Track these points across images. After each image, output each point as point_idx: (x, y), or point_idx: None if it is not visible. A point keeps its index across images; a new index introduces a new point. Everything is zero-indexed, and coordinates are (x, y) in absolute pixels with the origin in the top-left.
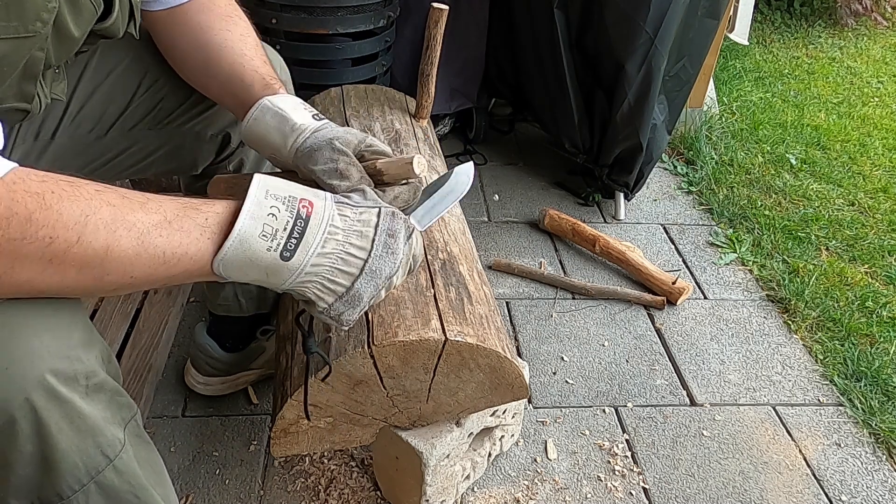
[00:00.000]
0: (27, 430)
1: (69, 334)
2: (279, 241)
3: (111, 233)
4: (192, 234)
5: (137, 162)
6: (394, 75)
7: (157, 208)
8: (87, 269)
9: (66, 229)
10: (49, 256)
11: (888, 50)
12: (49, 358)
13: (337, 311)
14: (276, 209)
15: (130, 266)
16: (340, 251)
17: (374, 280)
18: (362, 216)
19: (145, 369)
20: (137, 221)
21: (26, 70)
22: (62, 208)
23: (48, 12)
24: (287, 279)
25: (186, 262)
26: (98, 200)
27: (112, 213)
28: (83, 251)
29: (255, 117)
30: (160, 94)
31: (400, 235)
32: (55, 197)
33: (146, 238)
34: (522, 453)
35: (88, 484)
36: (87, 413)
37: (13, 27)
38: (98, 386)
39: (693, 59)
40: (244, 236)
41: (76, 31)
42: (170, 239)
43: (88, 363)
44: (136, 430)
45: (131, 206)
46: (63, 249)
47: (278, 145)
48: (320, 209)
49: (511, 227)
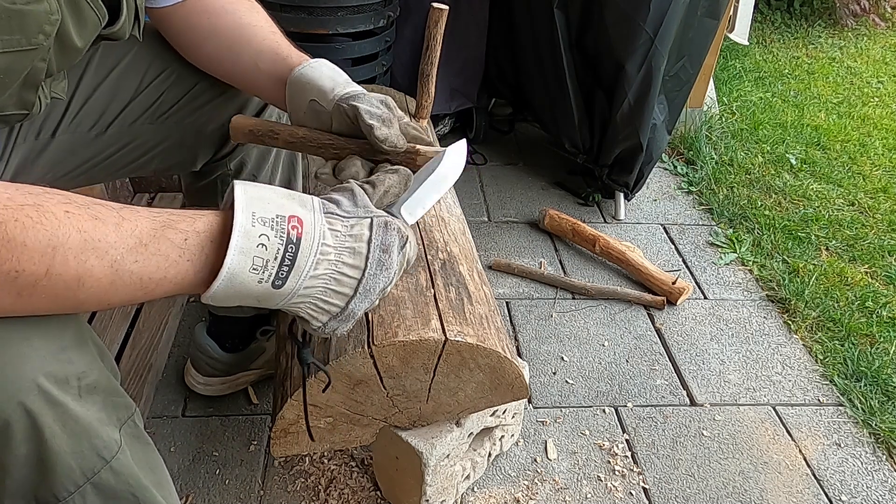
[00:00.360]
0: (21, 434)
1: (60, 335)
2: (270, 272)
3: (81, 263)
4: (170, 258)
5: (138, 158)
6: (394, 75)
7: (131, 230)
8: (61, 300)
9: (31, 262)
10: (17, 290)
11: (888, 50)
12: (40, 360)
13: (331, 328)
14: (265, 237)
15: (105, 294)
16: (333, 271)
17: (368, 297)
18: (354, 230)
19: (145, 369)
20: (110, 248)
21: (27, 80)
22: (27, 239)
23: (51, 25)
24: (279, 303)
25: (166, 285)
26: (67, 227)
27: (82, 241)
28: (53, 283)
29: (311, 65)
30: (161, 89)
31: (393, 249)
32: (18, 226)
33: (120, 265)
34: (522, 453)
35: (84, 485)
36: (80, 415)
37: (15, 40)
38: (91, 387)
39: (693, 59)
40: (233, 273)
41: (79, 41)
42: (146, 264)
43: (80, 364)
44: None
45: (104, 229)
46: (31, 283)
47: (326, 89)
48: (310, 227)
49: (511, 227)
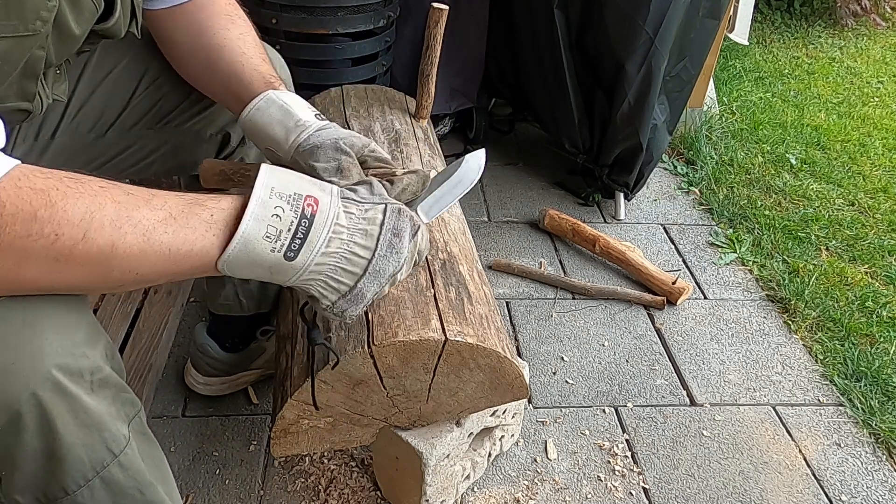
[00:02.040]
0: (33, 426)
1: (74, 330)
2: (283, 242)
3: (116, 229)
4: (197, 231)
5: (137, 161)
6: (394, 75)
7: (162, 204)
8: (93, 266)
9: (71, 226)
10: (55, 254)
11: (888, 50)
12: (55, 354)
13: (340, 308)
14: (280, 209)
15: (136, 263)
16: (345, 250)
17: (377, 279)
18: (367, 213)
19: (145, 369)
20: (143, 218)
21: (27, 69)
22: (67, 205)
23: (48, 10)
24: (291, 277)
25: (192, 258)
26: (103, 197)
27: (117, 210)
28: (88, 248)
29: (258, 107)
30: (160, 93)
31: (405, 234)
32: (60, 194)
33: (151, 235)
34: (522, 453)
35: (93, 479)
36: (92, 408)
37: (13, 25)
38: (103, 382)
39: (694, 60)
40: (248, 238)
41: (77, 29)
42: (175, 235)
43: (93, 359)
44: (140, 426)
45: (136, 202)
46: (68, 247)
47: (279, 139)
48: (325, 206)
49: (511, 227)
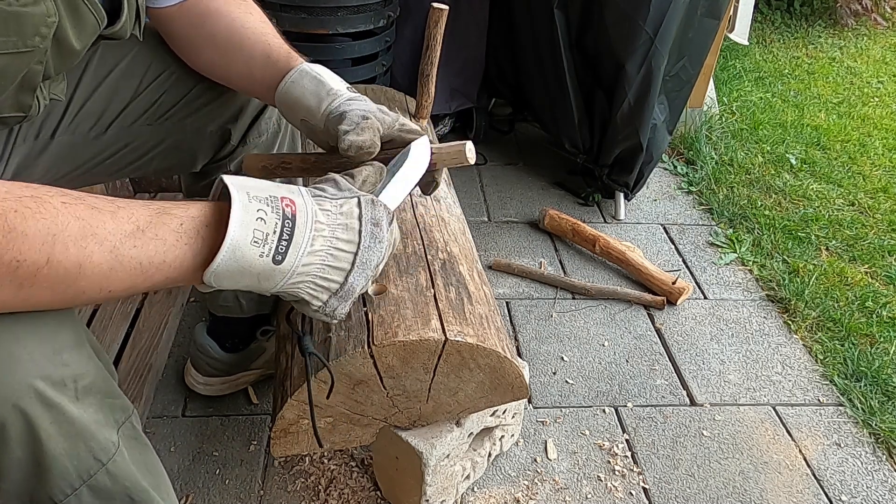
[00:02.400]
0: (17, 436)
1: (55, 336)
2: (271, 245)
3: (81, 249)
4: (167, 241)
5: (137, 158)
6: (394, 75)
7: (128, 217)
8: (61, 288)
9: (32, 251)
10: (19, 280)
11: (888, 50)
12: (36, 363)
13: (332, 307)
14: (262, 212)
15: (106, 280)
16: (329, 247)
17: (364, 272)
18: (343, 208)
19: (145, 369)
20: (108, 234)
21: (24, 82)
22: (27, 228)
23: (48, 27)
24: (279, 283)
25: (165, 269)
26: (65, 215)
27: (81, 228)
28: (54, 271)
29: (292, 80)
30: (161, 90)
31: (383, 223)
32: (18, 217)
33: (119, 250)
34: (522, 453)
35: (80, 488)
36: (77, 417)
37: (11, 42)
38: (88, 388)
39: (693, 59)
40: (236, 245)
41: (78, 44)
42: (145, 248)
43: (77, 366)
44: (131, 431)
45: (101, 217)
46: (32, 272)
47: (312, 108)
48: (302, 205)
49: (511, 227)
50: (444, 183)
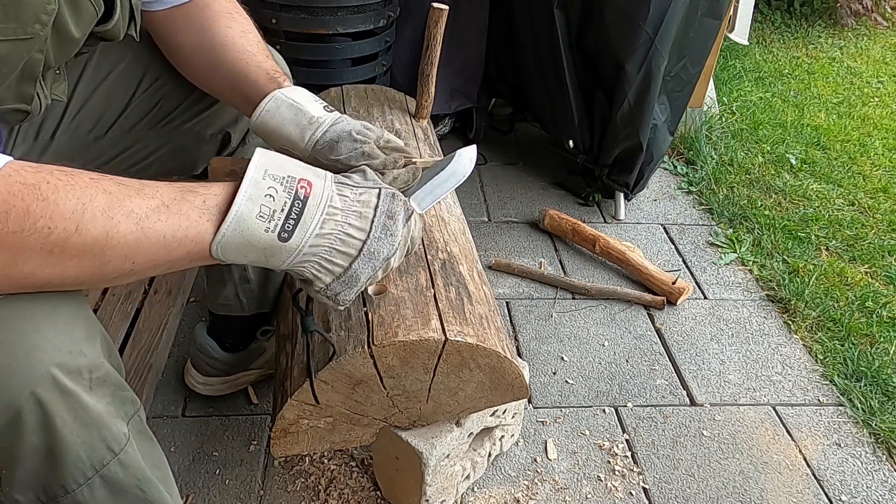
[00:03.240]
0: (33, 424)
1: (72, 328)
2: (277, 221)
3: (109, 219)
4: (191, 217)
5: (137, 162)
6: (394, 75)
7: (154, 193)
8: (88, 258)
9: (63, 219)
10: (49, 247)
11: (888, 50)
12: (53, 352)
13: (334, 290)
14: (273, 190)
15: (131, 252)
16: (339, 231)
17: (371, 261)
18: (362, 197)
19: (145, 369)
20: (135, 207)
21: (25, 71)
22: (59, 198)
23: (47, 14)
24: (286, 260)
25: (187, 244)
26: (94, 189)
27: (109, 200)
28: (82, 240)
29: (267, 109)
30: (160, 94)
31: (399, 217)
32: (51, 187)
33: (145, 223)
34: (522, 453)
35: (93, 477)
36: (91, 406)
37: (11, 29)
38: (101, 380)
39: (694, 60)
40: (241, 217)
41: (76, 32)
42: (169, 222)
43: (92, 357)
44: (139, 425)
45: (128, 192)
46: (62, 239)
47: (294, 138)
48: (319, 189)
49: (511, 227)
50: None
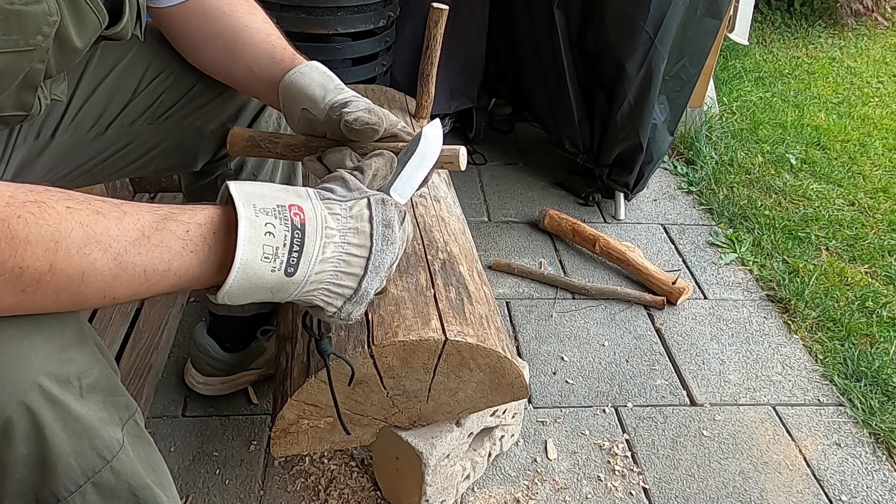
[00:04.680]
0: (22, 433)
1: (61, 334)
2: (281, 259)
3: (84, 256)
4: (172, 249)
5: (138, 158)
6: (394, 75)
7: (133, 223)
8: (64, 294)
9: (35, 258)
10: (21, 287)
11: (888, 50)
12: (41, 360)
13: (347, 312)
14: (271, 225)
15: (109, 287)
16: (341, 253)
17: (378, 274)
18: (353, 211)
19: (145, 369)
20: (112, 241)
21: (25, 81)
22: (29, 235)
23: (49, 26)
24: (293, 292)
25: (170, 277)
26: (69, 221)
27: (84, 234)
28: (56, 278)
29: (301, 71)
30: (161, 89)
31: (395, 223)
32: (21, 223)
33: (123, 258)
34: (522, 453)
35: (85, 485)
36: (81, 415)
37: (13, 41)
38: (92, 386)
39: (693, 59)
40: (246, 264)
41: (79, 42)
42: (149, 256)
43: (81, 363)
44: (135, 429)
45: (105, 223)
46: (35, 279)
47: (317, 97)
48: (310, 212)
49: (511, 227)
50: (444, 183)
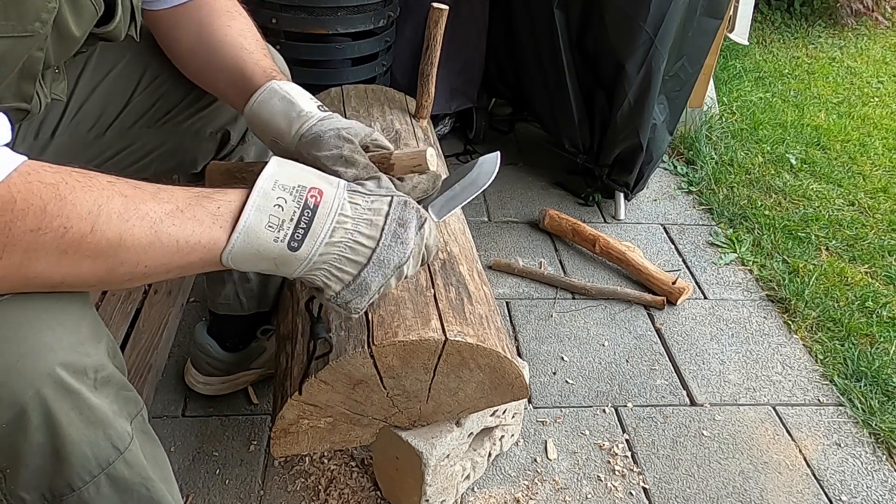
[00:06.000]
0: (38, 422)
1: (77, 328)
2: (286, 231)
3: (124, 222)
4: (204, 223)
5: (137, 160)
6: (394, 75)
7: (168, 198)
8: (101, 259)
9: (79, 219)
10: (64, 247)
11: (888, 50)
12: (58, 351)
13: (344, 299)
14: (282, 199)
15: (144, 255)
16: (349, 240)
17: (381, 269)
18: (373, 205)
19: (145, 369)
20: (150, 211)
21: (24, 69)
22: (76, 199)
23: (48, 12)
24: (297, 268)
25: (199, 250)
26: (110, 191)
27: (124, 203)
28: (97, 240)
29: (261, 99)
30: (159, 92)
31: (411, 225)
32: (68, 188)
33: (159, 227)
34: (522, 453)
35: (99, 475)
36: (96, 405)
37: (11, 26)
38: (106, 379)
39: (692, 59)
40: (250, 228)
41: (77, 30)
42: (182, 227)
43: (97, 357)
44: (142, 424)
45: (143, 196)
46: (77, 239)
47: (283, 130)
48: (330, 197)
49: (511, 227)
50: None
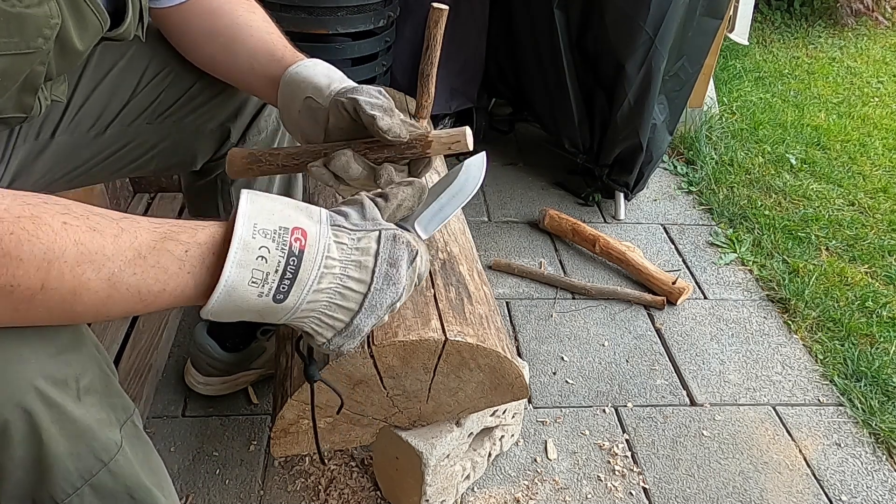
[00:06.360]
0: (19, 435)
1: (57, 337)
2: (271, 285)
3: (77, 276)
4: (169, 270)
5: (137, 157)
6: (394, 75)
7: (130, 242)
8: (57, 312)
9: (27, 277)
10: (13, 304)
11: (888, 50)
12: (38, 362)
13: (336, 344)
14: (265, 249)
15: (103, 306)
16: (338, 285)
17: (374, 312)
18: (360, 243)
19: (145, 369)
20: (107, 261)
21: (26, 82)
22: (22, 253)
23: (50, 28)
24: (283, 317)
25: (166, 297)
26: (63, 239)
27: (78, 253)
28: (49, 296)
29: (306, 64)
30: (160, 88)
31: (402, 263)
32: (14, 240)
33: (117, 278)
34: (522, 453)
35: (82, 487)
36: (78, 417)
37: (13, 43)
38: (88, 388)
39: (692, 59)
40: (232, 286)
41: (80, 45)
42: (144, 276)
43: (78, 365)
44: (133, 430)
45: (101, 241)
46: (27, 297)
47: (322, 85)
48: (314, 239)
49: (511, 227)
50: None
